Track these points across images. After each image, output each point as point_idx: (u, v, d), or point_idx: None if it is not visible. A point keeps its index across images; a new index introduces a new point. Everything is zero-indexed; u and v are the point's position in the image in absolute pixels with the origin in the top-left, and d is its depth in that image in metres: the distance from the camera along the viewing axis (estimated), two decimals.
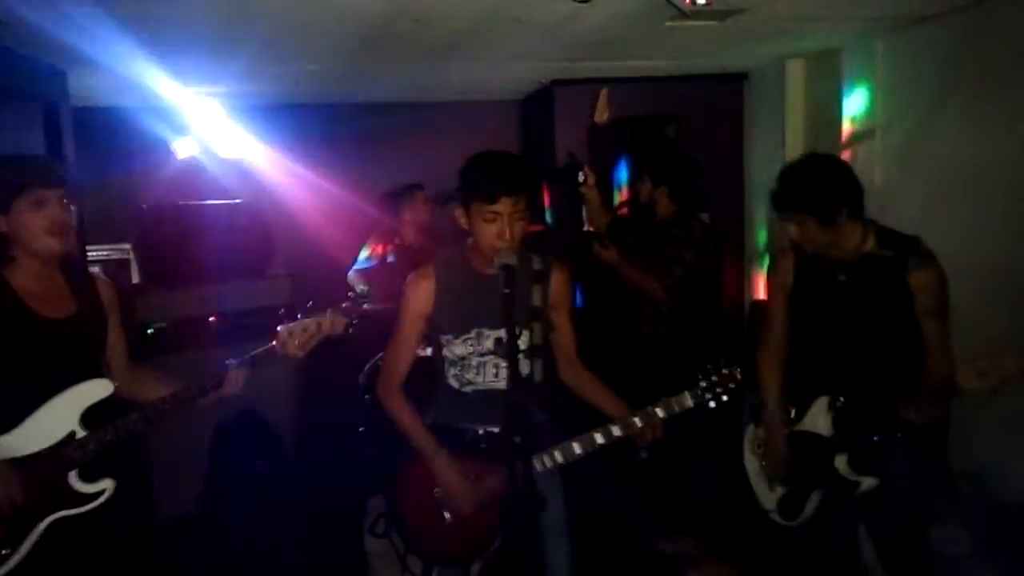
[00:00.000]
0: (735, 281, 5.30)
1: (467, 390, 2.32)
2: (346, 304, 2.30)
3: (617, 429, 2.27)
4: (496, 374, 2.29)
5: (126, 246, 4.84)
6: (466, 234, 2.27)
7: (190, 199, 4.89)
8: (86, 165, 4.21)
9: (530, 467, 2.00)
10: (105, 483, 2.11)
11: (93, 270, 2.46)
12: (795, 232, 2.41)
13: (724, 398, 2.30)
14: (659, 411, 2.28)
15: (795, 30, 3.93)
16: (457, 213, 2.24)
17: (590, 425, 2.31)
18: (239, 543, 3.68)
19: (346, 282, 4.66)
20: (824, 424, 2.49)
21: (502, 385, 2.26)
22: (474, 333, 2.28)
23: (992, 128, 3.36)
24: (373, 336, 4.18)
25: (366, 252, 4.70)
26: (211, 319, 4.25)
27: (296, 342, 2.22)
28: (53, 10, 2.91)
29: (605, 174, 4.72)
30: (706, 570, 1.88)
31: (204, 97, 4.98)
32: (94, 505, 2.09)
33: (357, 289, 4.52)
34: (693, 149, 4.07)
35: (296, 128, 5.37)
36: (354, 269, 4.68)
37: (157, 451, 3.63)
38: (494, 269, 2.16)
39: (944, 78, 3.63)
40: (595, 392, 2.41)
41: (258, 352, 2.26)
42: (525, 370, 2.23)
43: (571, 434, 2.30)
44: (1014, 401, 3.09)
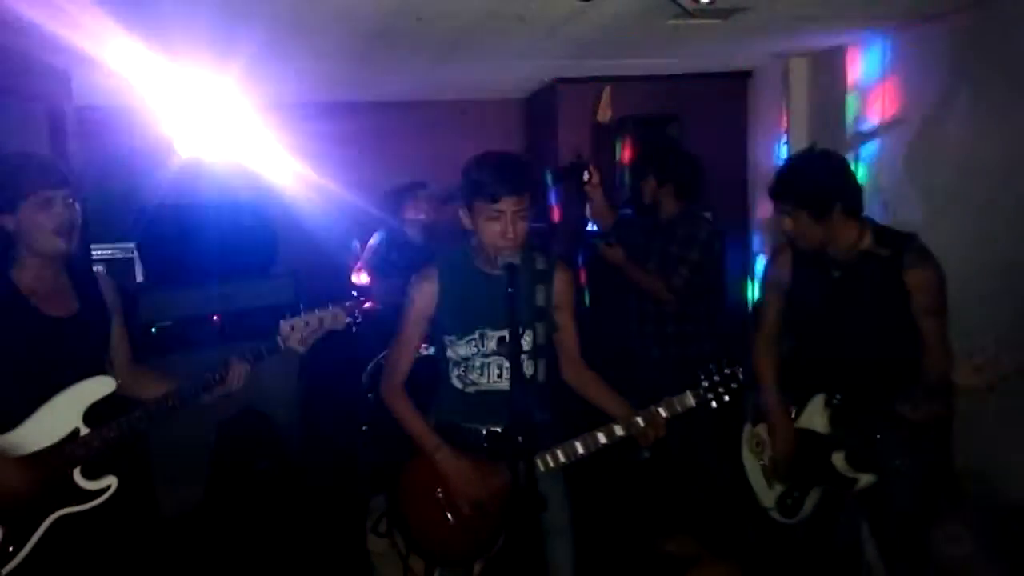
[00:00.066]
0: (738, 280, 5.29)
1: (470, 391, 2.32)
2: (348, 301, 2.31)
3: (620, 429, 2.27)
4: (500, 375, 2.29)
5: (130, 245, 4.84)
6: (469, 234, 2.27)
7: (193, 198, 4.89)
8: (89, 164, 4.22)
9: (532, 467, 2.00)
10: (109, 480, 2.12)
11: (97, 269, 2.47)
12: (789, 225, 2.41)
13: (726, 398, 2.30)
14: (662, 410, 2.27)
15: (798, 28, 3.92)
16: (460, 213, 2.25)
17: (593, 425, 2.30)
18: (241, 541, 3.69)
19: (349, 281, 4.67)
20: (821, 421, 2.49)
21: (505, 386, 2.25)
22: (477, 334, 2.28)
23: (998, 127, 3.34)
24: (376, 335, 4.21)
25: (369, 251, 4.71)
26: (214, 318, 4.26)
27: (298, 336, 2.24)
28: (56, 9, 2.91)
29: (608, 172, 4.71)
30: (708, 569, 1.88)
31: (207, 96, 4.98)
32: (98, 502, 2.10)
33: (360, 287, 4.57)
34: (696, 147, 4.07)
35: (299, 127, 5.37)
36: (357, 268, 4.69)
37: (159, 449, 3.63)
38: (497, 269, 2.16)
39: (949, 77, 3.61)
40: (598, 392, 2.41)
41: (260, 346, 2.27)
42: (528, 370, 2.23)
43: (574, 434, 2.30)
44: (1016, 399, 3.09)
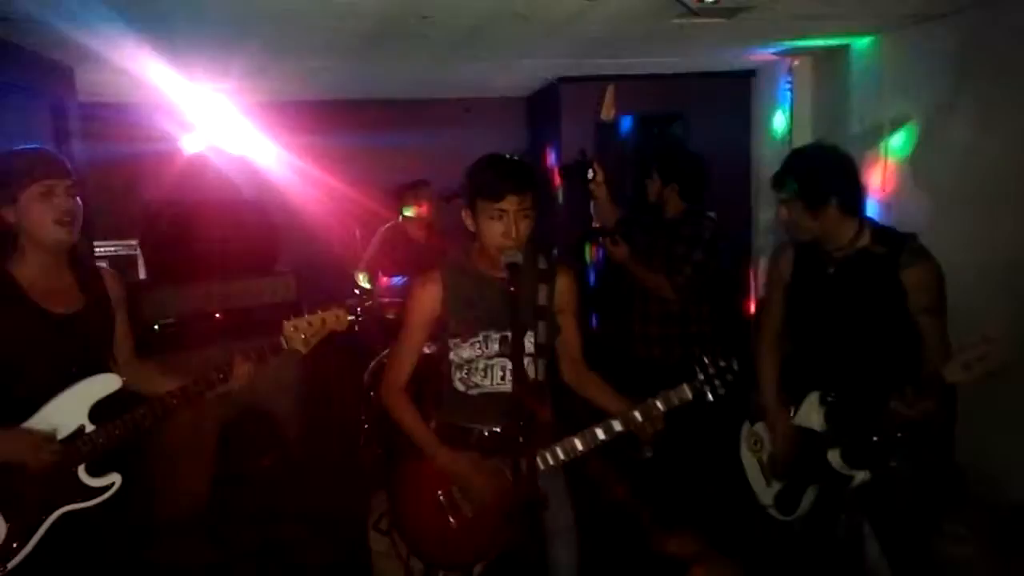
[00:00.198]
0: (742, 280, 5.29)
1: (473, 392, 2.32)
2: (351, 300, 2.31)
3: (618, 424, 2.26)
4: (503, 377, 2.30)
5: (133, 242, 4.85)
6: (472, 235, 2.27)
7: (196, 195, 4.90)
8: (93, 161, 4.23)
9: (534, 466, 2.00)
10: (113, 477, 2.12)
11: (100, 265, 2.47)
12: (784, 214, 2.42)
13: (722, 390, 2.29)
14: (659, 404, 2.27)
15: (803, 28, 3.91)
16: (463, 214, 2.25)
17: (592, 423, 2.31)
18: (243, 539, 3.69)
19: (351, 279, 4.67)
20: (817, 419, 2.49)
21: (509, 388, 2.26)
22: (481, 337, 2.28)
23: (1001, 127, 3.34)
24: (378, 333, 4.23)
25: (372, 249, 4.71)
26: (217, 315, 4.26)
27: (301, 337, 2.24)
28: (60, 6, 2.92)
29: (612, 170, 4.71)
30: (711, 568, 1.88)
31: (211, 93, 4.98)
32: (102, 499, 2.10)
33: (362, 285, 4.57)
34: (700, 146, 4.07)
35: (303, 124, 5.38)
36: (360, 266, 4.70)
37: (161, 446, 3.63)
38: (500, 272, 2.16)
39: (952, 77, 3.61)
40: (599, 393, 2.41)
41: (264, 347, 2.28)
42: (531, 370, 2.23)
43: (574, 432, 2.30)
44: (1017, 399, 3.09)
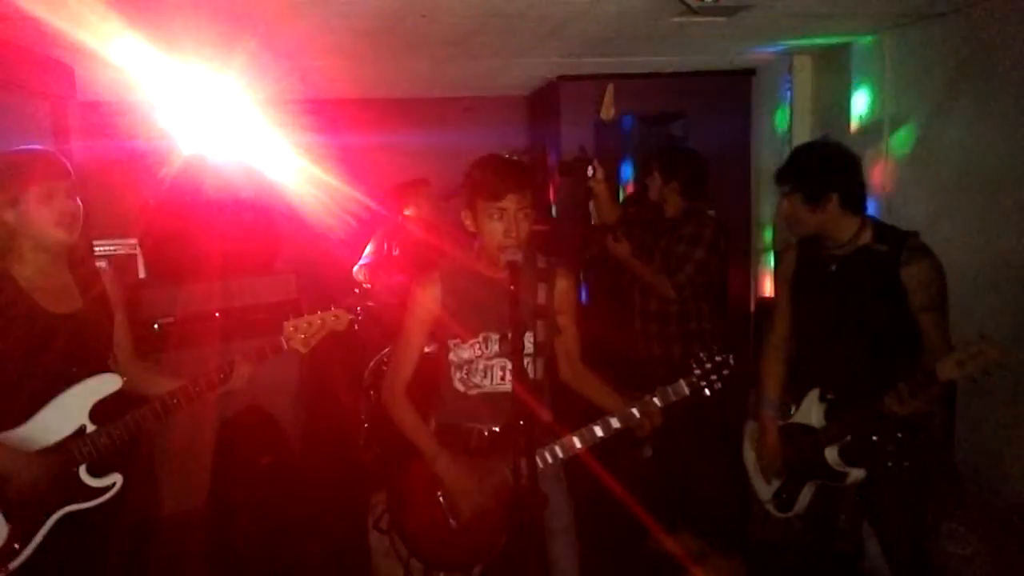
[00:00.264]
0: (742, 278, 5.29)
1: (473, 393, 2.32)
2: (350, 300, 2.31)
3: (616, 421, 2.27)
4: (503, 377, 2.30)
5: (132, 241, 4.83)
6: (472, 236, 2.27)
7: (196, 194, 4.88)
8: (92, 160, 4.22)
9: (534, 465, 2.00)
10: (114, 477, 2.12)
11: (99, 265, 2.47)
12: (784, 208, 2.44)
13: (718, 386, 2.30)
14: (656, 400, 2.28)
15: (803, 26, 3.91)
16: (463, 215, 2.25)
17: (591, 421, 2.31)
18: (244, 538, 3.69)
19: (351, 278, 4.67)
20: (816, 416, 2.50)
21: (509, 387, 2.26)
22: (481, 338, 2.28)
23: (1002, 125, 3.34)
24: (377, 332, 4.22)
25: (371, 248, 4.71)
26: (217, 315, 4.26)
27: (301, 336, 2.25)
28: (59, 5, 2.91)
29: (612, 169, 4.71)
30: (713, 566, 1.88)
31: (210, 92, 4.97)
32: (104, 499, 2.10)
33: (362, 285, 4.57)
34: (700, 145, 4.06)
35: (302, 123, 5.37)
36: (359, 265, 4.69)
37: (162, 446, 3.63)
38: (500, 272, 2.16)
39: (953, 75, 3.61)
40: (597, 392, 2.41)
41: (264, 346, 2.27)
42: (530, 369, 2.23)
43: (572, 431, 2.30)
44: (1020, 398, 3.09)
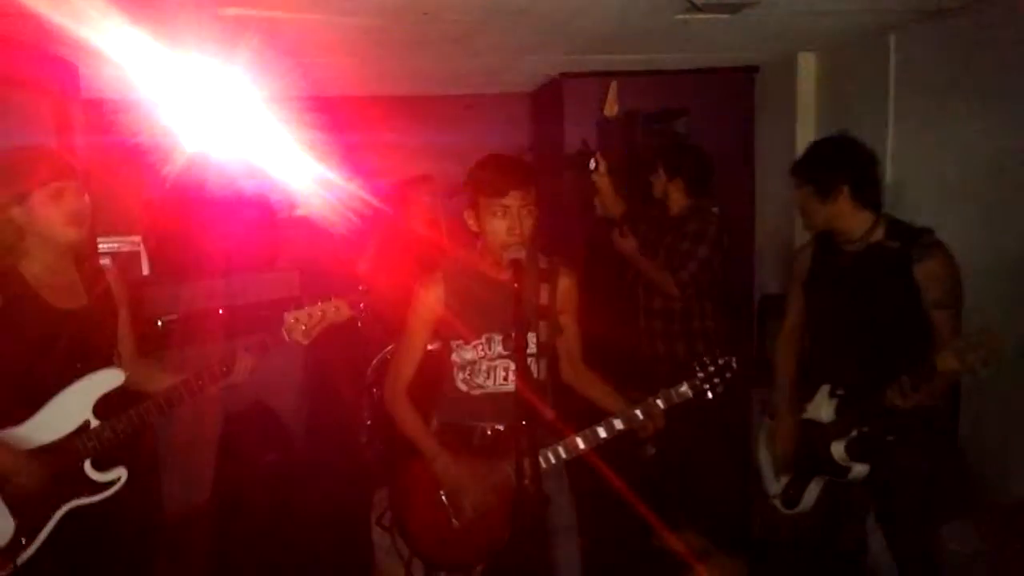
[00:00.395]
0: (744, 275, 5.28)
1: (476, 393, 2.33)
2: (353, 296, 2.32)
3: (619, 422, 2.28)
4: (506, 377, 2.30)
5: (136, 238, 4.85)
6: (475, 236, 2.27)
7: (199, 192, 4.89)
8: (95, 157, 4.22)
9: (536, 464, 2.00)
10: (118, 471, 2.14)
11: (103, 262, 2.49)
12: (798, 200, 2.47)
13: (720, 388, 2.31)
14: (659, 402, 2.29)
15: (807, 24, 3.90)
16: (466, 214, 2.25)
17: (593, 422, 2.31)
18: (247, 534, 3.69)
19: (353, 275, 4.67)
20: (826, 412, 2.51)
21: (511, 388, 2.27)
22: (484, 339, 2.29)
23: (1008, 123, 3.33)
24: (380, 329, 4.22)
25: (374, 245, 4.71)
26: (220, 311, 4.27)
27: (302, 328, 2.26)
28: (62, 1, 2.91)
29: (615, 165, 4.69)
30: (715, 566, 1.88)
31: (213, 89, 4.97)
32: (108, 493, 2.11)
33: (365, 282, 4.57)
34: (703, 142, 4.05)
35: (305, 120, 5.37)
36: (362, 261, 4.69)
37: (166, 441, 3.64)
38: (503, 273, 2.16)
39: (958, 73, 3.60)
40: (599, 392, 2.42)
41: (266, 339, 2.29)
42: (533, 369, 2.23)
43: (575, 431, 2.30)
44: (1021, 397, 3.08)
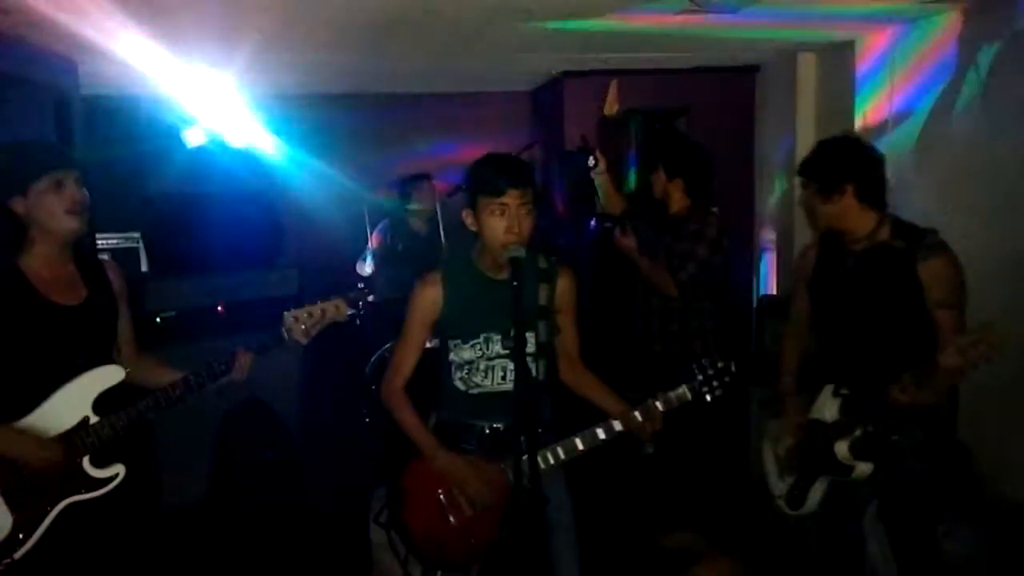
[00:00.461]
0: (744, 275, 5.28)
1: (474, 392, 2.33)
2: (352, 294, 2.32)
3: (618, 424, 2.29)
4: (504, 377, 2.31)
5: (135, 234, 4.84)
6: (474, 236, 2.27)
7: (199, 188, 4.89)
8: (96, 153, 4.22)
9: (535, 464, 2.01)
10: (117, 467, 2.14)
11: (102, 258, 2.49)
12: (804, 200, 2.50)
13: (719, 391, 2.31)
14: (658, 405, 2.29)
15: (807, 23, 3.90)
16: (464, 214, 2.25)
17: (592, 423, 2.31)
18: (245, 532, 3.70)
19: (353, 272, 4.67)
20: (830, 411, 2.51)
21: (510, 387, 2.28)
22: (482, 338, 2.29)
23: (1008, 122, 3.33)
24: (380, 327, 4.23)
25: (374, 242, 4.71)
26: (219, 308, 4.27)
27: (301, 327, 2.26)
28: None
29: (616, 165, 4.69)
30: (712, 565, 1.88)
31: (214, 86, 4.97)
32: (107, 490, 2.12)
33: (365, 279, 4.57)
34: (703, 142, 4.05)
35: (306, 118, 5.37)
36: (361, 259, 4.69)
37: (164, 438, 3.65)
38: (502, 273, 2.16)
39: (958, 70, 3.60)
40: (596, 392, 2.42)
41: (265, 338, 2.29)
42: (532, 368, 2.23)
43: (574, 431, 2.30)
44: (1021, 396, 3.08)
